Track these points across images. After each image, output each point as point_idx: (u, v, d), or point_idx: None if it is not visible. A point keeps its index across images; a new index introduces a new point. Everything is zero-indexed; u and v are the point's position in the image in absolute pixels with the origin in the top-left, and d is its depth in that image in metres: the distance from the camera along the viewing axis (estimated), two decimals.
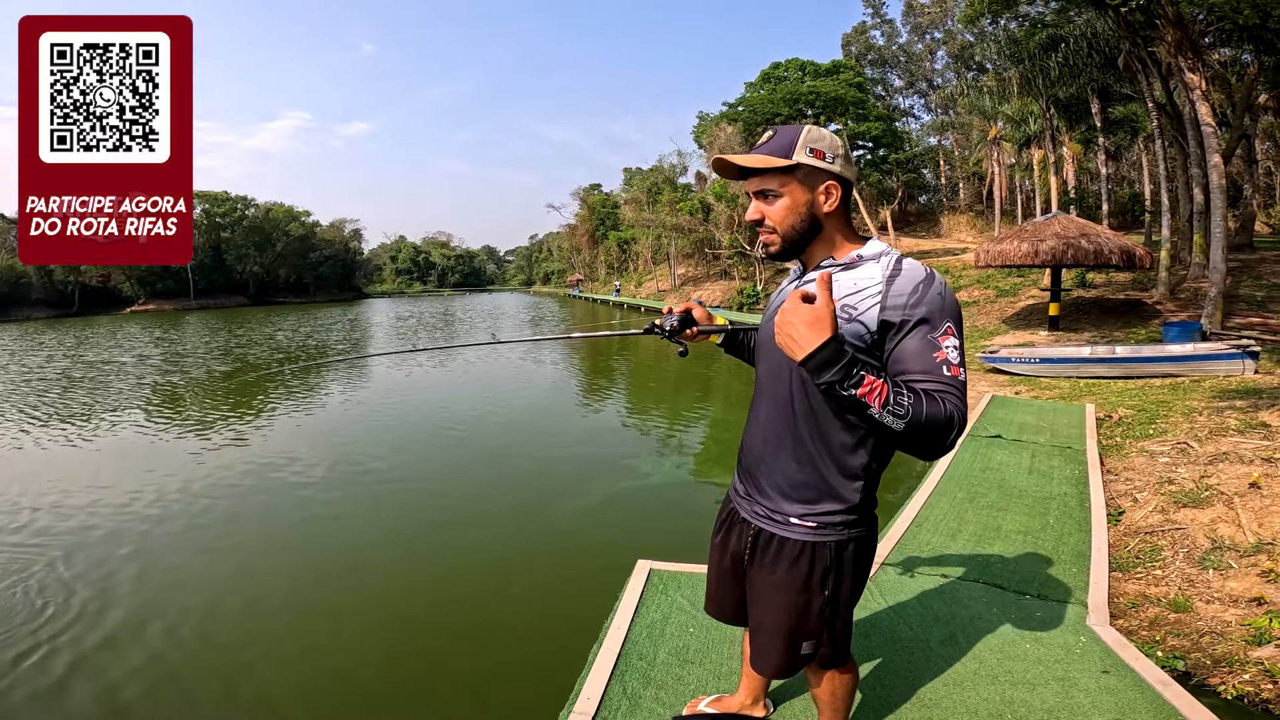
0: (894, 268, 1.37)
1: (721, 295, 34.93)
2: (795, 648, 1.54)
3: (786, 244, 1.46)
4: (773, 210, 1.44)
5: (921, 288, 1.33)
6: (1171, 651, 2.97)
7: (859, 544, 1.51)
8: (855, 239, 1.47)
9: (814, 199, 1.42)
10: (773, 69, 37.15)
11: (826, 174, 1.41)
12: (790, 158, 1.39)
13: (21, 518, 5.67)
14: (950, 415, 1.24)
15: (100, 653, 3.59)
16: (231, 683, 3.35)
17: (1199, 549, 3.79)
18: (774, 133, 1.43)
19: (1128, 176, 31.94)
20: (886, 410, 1.22)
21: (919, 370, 1.29)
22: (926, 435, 1.24)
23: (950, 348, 1.30)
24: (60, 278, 56.52)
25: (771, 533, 1.54)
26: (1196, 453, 5.17)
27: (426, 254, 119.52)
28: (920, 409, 1.23)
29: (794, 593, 1.51)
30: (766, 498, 1.55)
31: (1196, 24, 12.59)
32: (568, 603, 4.16)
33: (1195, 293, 13.45)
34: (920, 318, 1.31)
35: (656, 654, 2.52)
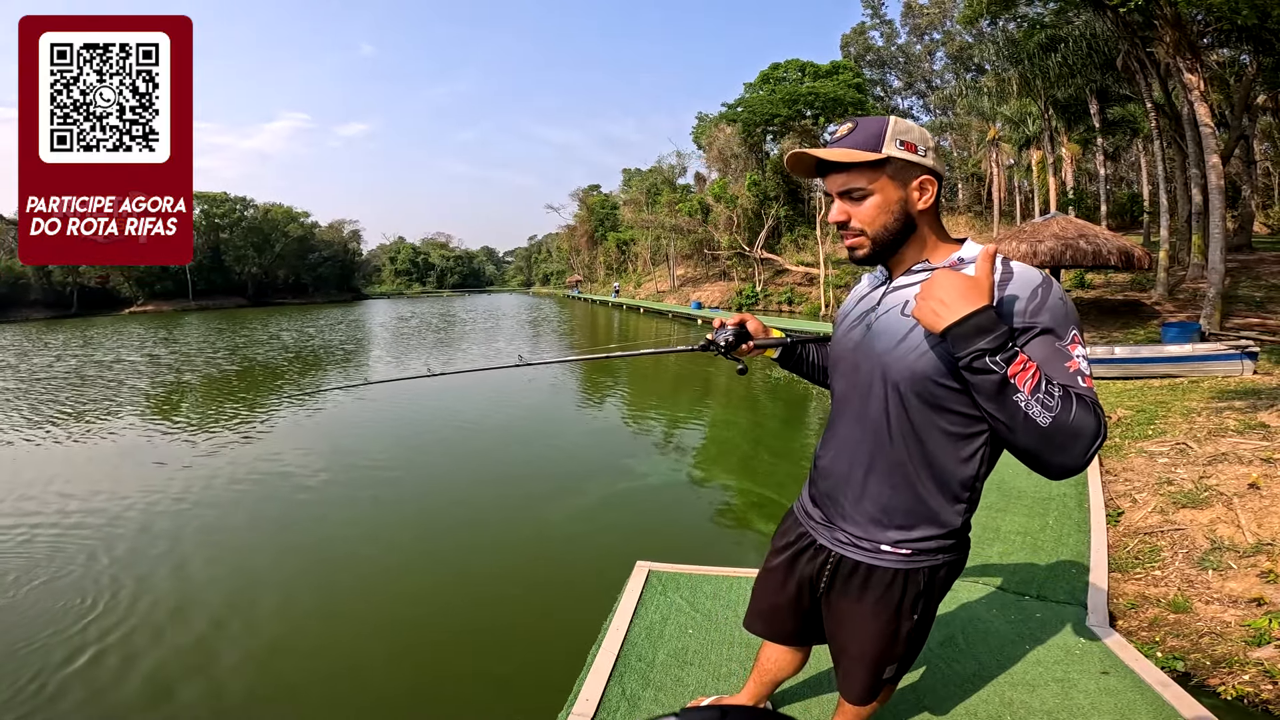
0: (1003, 271, 1.24)
1: (720, 296, 34.97)
2: (880, 672, 1.48)
3: (877, 246, 1.33)
4: (861, 210, 1.30)
5: (1041, 292, 1.20)
6: (1171, 652, 2.97)
7: (951, 568, 1.43)
8: (950, 239, 1.37)
9: (907, 196, 1.30)
10: (772, 70, 37.20)
11: (920, 168, 1.29)
12: (879, 151, 1.26)
13: (53, 508, 5.88)
14: (1097, 425, 1.11)
15: (138, 642, 3.62)
16: (224, 682, 3.35)
17: (1198, 550, 3.79)
18: (854, 125, 1.30)
19: (1126, 177, 31.99)
20: (1035, 398, 1.10)
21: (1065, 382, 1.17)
22: (1070, 440, 1.10)
23: (1081, 357, 1.18)
24: (59, 279, 56.47)
25: (857, 561, 1.43)
26: (1195, 453, 5.17)
27: (426, 255, 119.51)
28: (1071, 406, 1.10)
29: (884, 622, 1.43)
30: (852, 524, 1.44)
31: (1195, 24, 12.62)
32: (566, 604, 4.15)
33: (1194, 293, 13.48)
34: (1045, 325, 1.18)
35: (655, 655, 2.52)
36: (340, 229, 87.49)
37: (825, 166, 1.33)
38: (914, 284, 1.32)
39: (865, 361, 1.38)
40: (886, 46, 49.29)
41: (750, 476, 6.58)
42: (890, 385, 1.32)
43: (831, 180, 1.33)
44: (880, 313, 1.37)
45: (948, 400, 1.28)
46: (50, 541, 5.15)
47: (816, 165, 1.34)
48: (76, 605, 4.12)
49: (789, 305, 30.27)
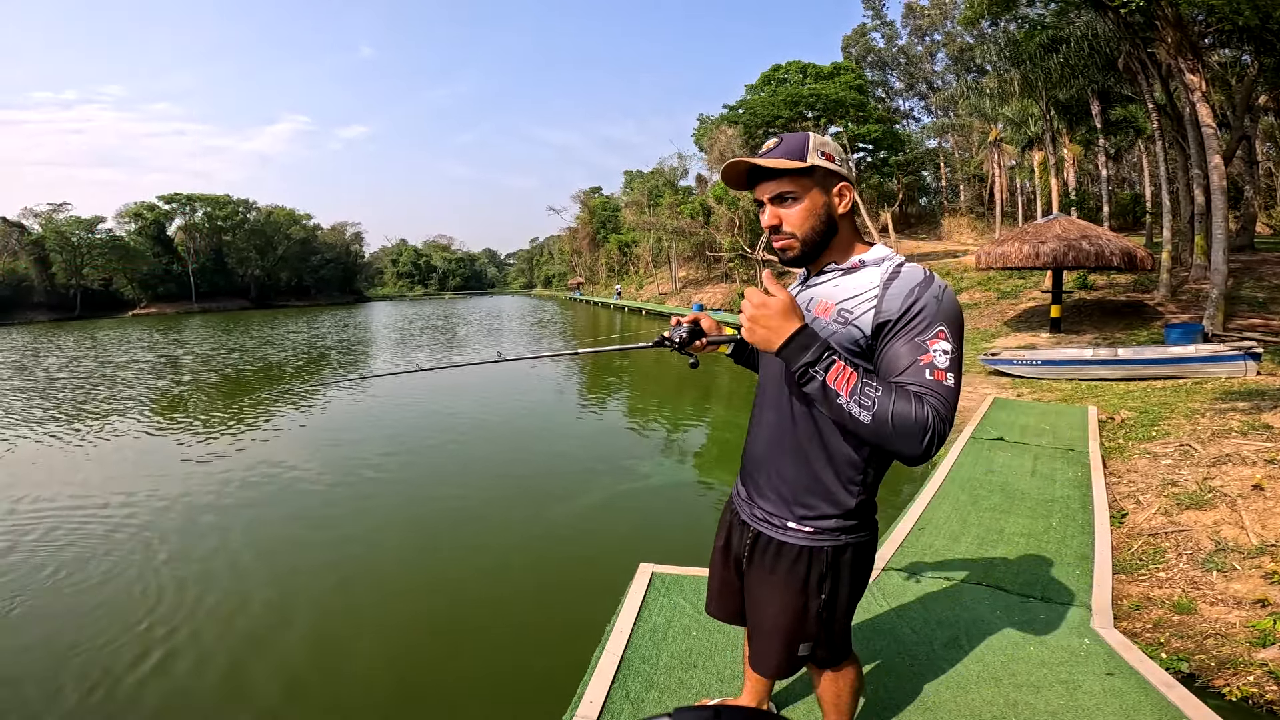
0: (893, 272, 1.36)
1: (723, 298, 34.94)
2: (792, 649, 1.55)
3: (806, 248, 1.44)
4: (791, 214, 1.42)
5: (918, 290, 1.31)
6: (1176, 653, 2.96)
7: (857, 549, 1.51)
8: (862, 244, 1.48)
9: (830, 201, 1.42)
10: (773, 71, 37.21)
11: (839, 176, 1.42)
12: (805, 160, 1.38)
13: (97, 504, 6.16)
14: (925, 417, 1.20)
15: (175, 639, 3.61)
16: (231, 681, 3.35)
17: (1202, 551, 3.79)
18: (780, 139, 1.43)
19: (1128, 178, 31.95)
20: (854, 400, 1.22)
21: (903, 371, 1.28)
22: (897, 433, 1.21)
23: (939, 351, 1.27)
24: (62, 280, 56.57)
25: (770, 536, 1.54)
26: (1199, 455, 5.16)
27: (427, 257, 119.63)
28: (889, 403, 1.21)
29: (791, 596, 1.52)
30: (767, 501, 1.56)
31: (1196, 25, 12.60)
32: (569, 606, 4.16)
33: (1197, 294, 13.44)
34: (909, 318, 1.30)
35: (659, 657, 2.52)
36: (342, 231, 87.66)
37: (757, 175, 1.45)
38: (822, 283, 1.47)
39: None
40: (888, 48, 49.34)
41: None
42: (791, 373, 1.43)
43: (763, 188, 1.44)
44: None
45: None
46: (104, 535, 5.38)
47: (748, 176, 1.47)
48: (140, 599, 4.28)
49: None
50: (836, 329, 1.37)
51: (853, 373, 1.24)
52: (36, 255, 55.27)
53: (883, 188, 36.94)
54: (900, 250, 27.01)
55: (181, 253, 64.05)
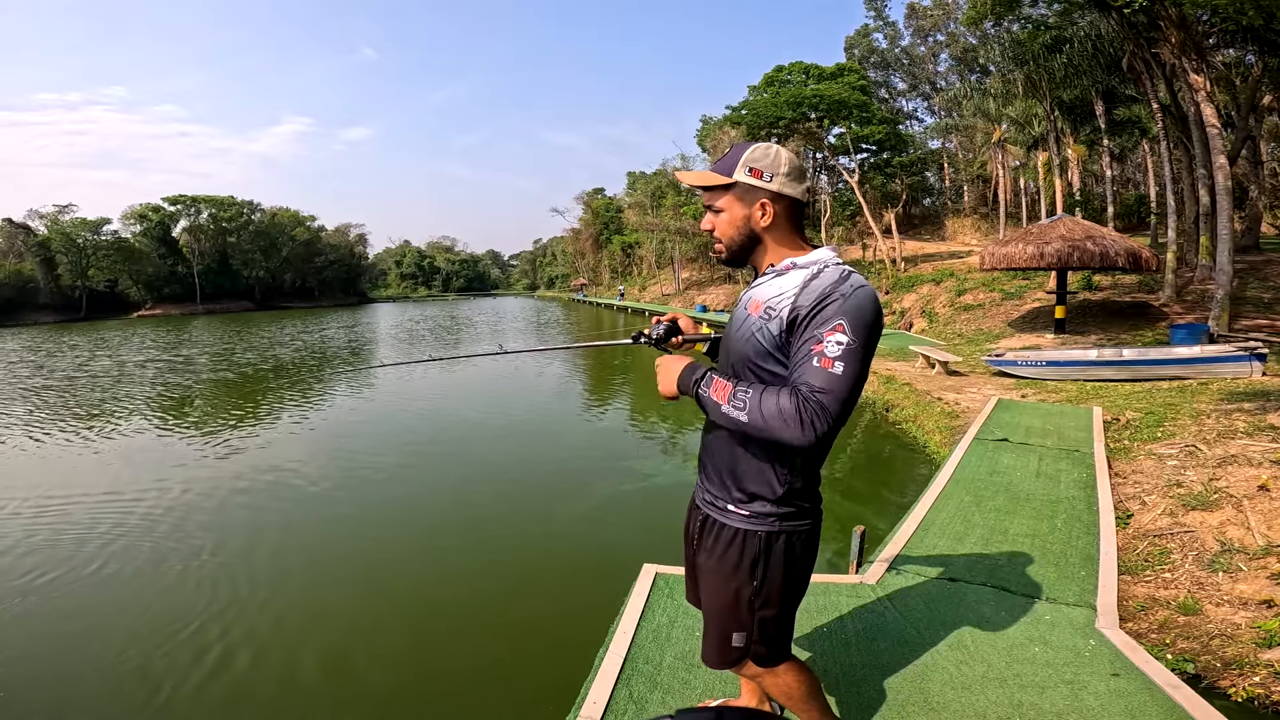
0: (815, 274, 1.43)
1: (725, 299, 34.91)
2: (726, 637, 1.60)
3: (729, 253, 1.58)
4: (718, 222, 1.56)
5: (829, 288, 1.38)
6: (1181, 654, 2.95)
7: (790, 538, 1.55)
8: (800, 249, 1.54)
9: (750, 215, 1.51)
10: (776, 72, 37.22)
11: (762, 191, 1.50)
12: (730, 175, 1.50)
13: (130, 496, 6.42)
14: (793, 406, 1.30)
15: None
16: (238, 674, 3.36)
17: (1208, 552, 3.77)
18: (730, 149, 1.54)
19: (1133, 178, 31.86)
20: (731, 405, 1.37)
21: (797, 360, 1.37)
22: (772, 424, 1.32)
23: (832, 342, 1.33)
24: (68, 282, 56.80)
25: (714, 519, 1.61)
26: (1205, 455, 5.14)
27: (431, 259, 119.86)
28: (759, 400, 1.34)
29: (724, 578, 1.57)
30: (712, 484, 1.63)
31: (1200, 25, 12.56)
32: (573, 606, 4.15)
33: (1202, 294, 13.39)
34: (815, 313, 1.37)
35: (663, 658, 2.51)
36: (346, 233, 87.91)
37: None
38: (759, 284, 1.55)
39: (725, 345, 1.63)
40: (890, 48, 49.22)
41: None
42: (731, 364, 1.57)
43: (703, 196, 1.59)
44: (737, 306, 1.62)
45: (765, 380, 1.48)
46: (146, 529, 5.57)
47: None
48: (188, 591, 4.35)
49: None
50: (762, 324, 1.46)
51: (728, 384, 1.40)
52: (42, 257, 55.54)
53: (886, 189, 36.90)
54: (904, 251, 26.99)
55: (186, 254, 64.30)
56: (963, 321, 16.92)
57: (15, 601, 4.28)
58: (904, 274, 24.14)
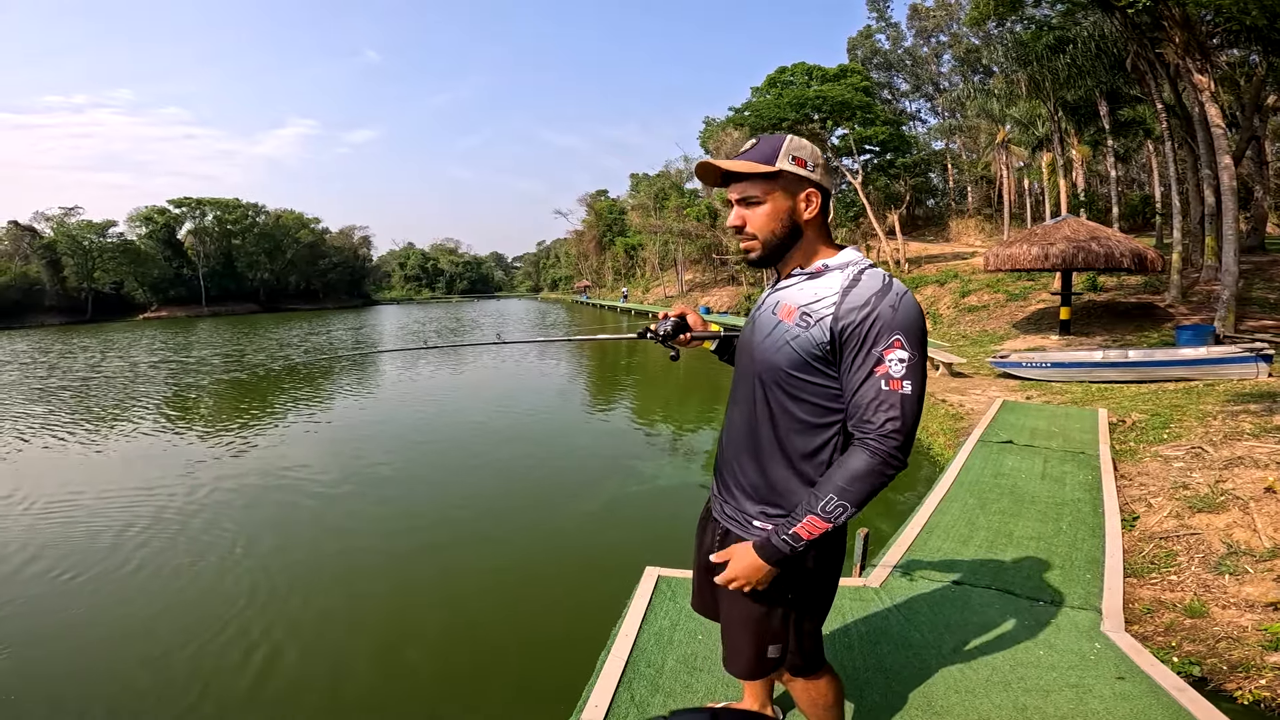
0: (854, 278, 1.37)
1: (729, 301, 34.90)
2: (761, 649, 1.55)
3: (766, 250, 1.48)
4: (754, 216, 1.45)
5: (874, 299, 1.33)
6: (1187, 657, 2.93)
7: (820, 550, 1.50)
8: (830, 248, 1.48)
9: (795, 206, 1.44)
10: (779, 74, 37.15)
11: (808, 182, 1.43)
12: (774, 164, 1.40)
13: (160, 495, 6.57)
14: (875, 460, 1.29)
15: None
16: (248, 672, 3.37)
17: (1214, 554, 3.75)
18: (757, 140, 1.45)
19: (1137, 179, 31.76)
20: (830, 521, 1.33)
21: (859, 383, 1.32)
22: (875, 485, 1.31)
23: (895, 360, 1.30)
24: (74, 284, 57.03)
25: (738, 535, 1.55)
26: (1211, 457, 5.11)
27: (435, 261, 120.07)
28: (843, 482, 1.31)
29: (755, 593, 1.51)
30: (733, 498, 1.57)
31: (1204, 25, 12.51)
32: (575, 609, 4.15)
33: (1208, 295, 13.34)
34: (867, 329, 1.31)
35: (665, 661, 2.51)
36: (350, 235, 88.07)
37: (729, 176, 1.47)
38: (788, 287, 1.49)
39: (745, 353, 1.55)
40: (893, 49, 49.14)
41: None
42: (756, 374, 1.49)
43: (733, 188, 1.47)
44: (761, 311, 1.54)
45: (800, 390, 1.41)
46: (180, 527, 5.69)
47: (721, 175, 1.48)
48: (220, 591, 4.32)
49: None
50: (799, 332, 1.39)
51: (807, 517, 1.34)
52: (48, 259, 55.78)
53: (889, 190, 36.83)
54: (908, 252, 26.93)
55: (191, 256, 64.54)
56: (967, 323, 16.88)
57: (60, 601, 4.34)
58: (908, 275, 24.08)
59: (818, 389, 1.40)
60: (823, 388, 1.40)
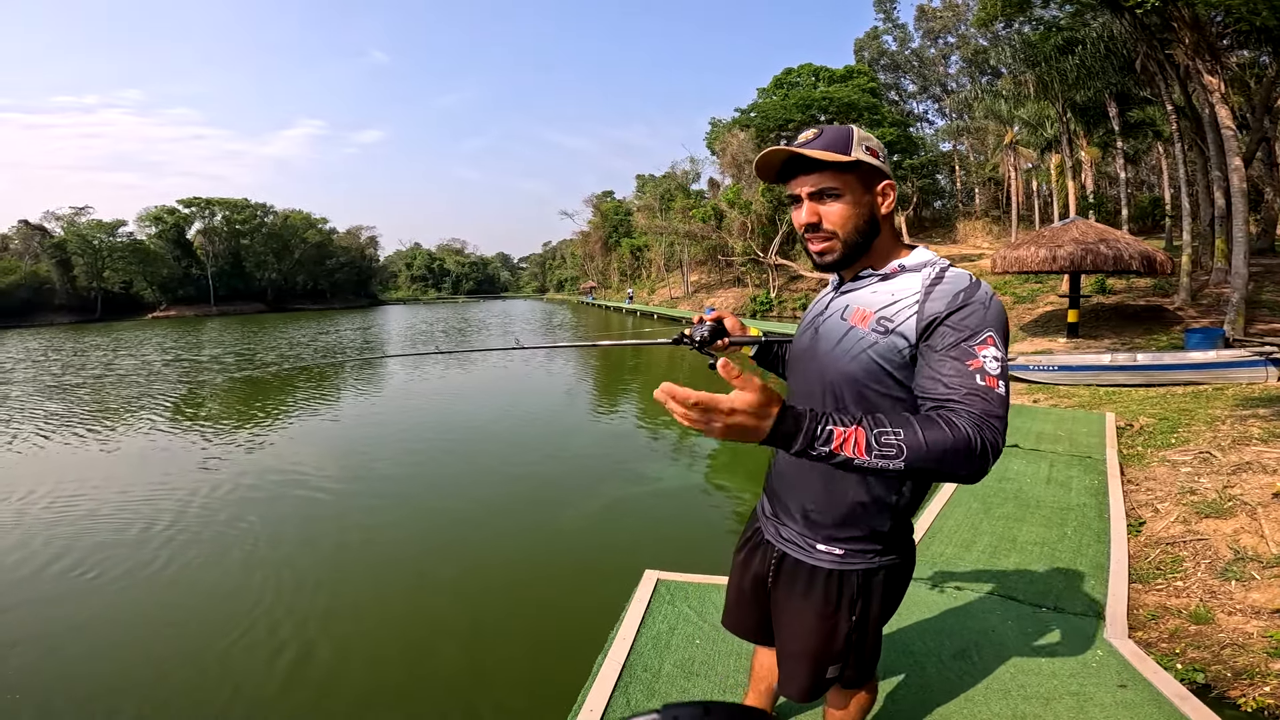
0: (936, 276, 1.28)
1: (735, 302, 34.85)
2: (821, 672, 1.49)
3: (848, 249, 1.33)
4: (831, 212, 1.31)
5: (962, 296, 1.23)
6: (1191, 664, 2.90)
7: (890, 572, 1.44)
8: (902, 247, 1.38)
9: (874, 199, 1.33)
10: (785, 75, 37.17)
11: (883, 174, 1.32)
12: (849, 154, 1.27)
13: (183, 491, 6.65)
14: (965, 435, 1.07)
15: None
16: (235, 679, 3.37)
17: (1221, 560, 3.71)
18: (820, 130, 1.31)
19: (1147, 180, 31.56)
20: (874, 455, 1.04)
21: (949, 378, 1.17)
22: (942, 463, 1.06)
23: (988, 357, 1.18)
24: (83, 283, 57.49)
25: (797, 559, 1.46)
26: (1219, 462, 5.07)
27: (441, 261, 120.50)
28: (917, 437, 1.05)
29: (820, 619, 1.44)
30: (793, 521, 1.48)
31: (1213, 26, 12.42)
32: (574, 611, 4.13)
33: (1217, 298, 13.23)
34: (955, 322, 1.21)
35: (662, 666, 2.49)
36: (357, 235, 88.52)
37: (795, 169, 1.33)
38: (858, 289, 1.37)
39: (811, 364, 1.41)
40: (900, 50, 49.00)
41: (760, 483, 6.51)
42: (827, 386, 1.35)
43: (801, 182, 1.32)
44: (826, 317, 1.41)
45: (878, 405, 1.29)
46: (202, 524, 5.72)
47: (781, 168, 1.35)
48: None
49: (804, 311, 30.09)
50: (876, 339, 1.28)
51: (857, 429, 1.04)
52: (58, 258, 56.26)
53: (896, 191, 36.68)
54: None
55: (200, 256, 64.98)
56: None
57: (89, 598, 4.37)
58: None
59: (899, 401, 1.29)
60: (905, 400, 1.28)
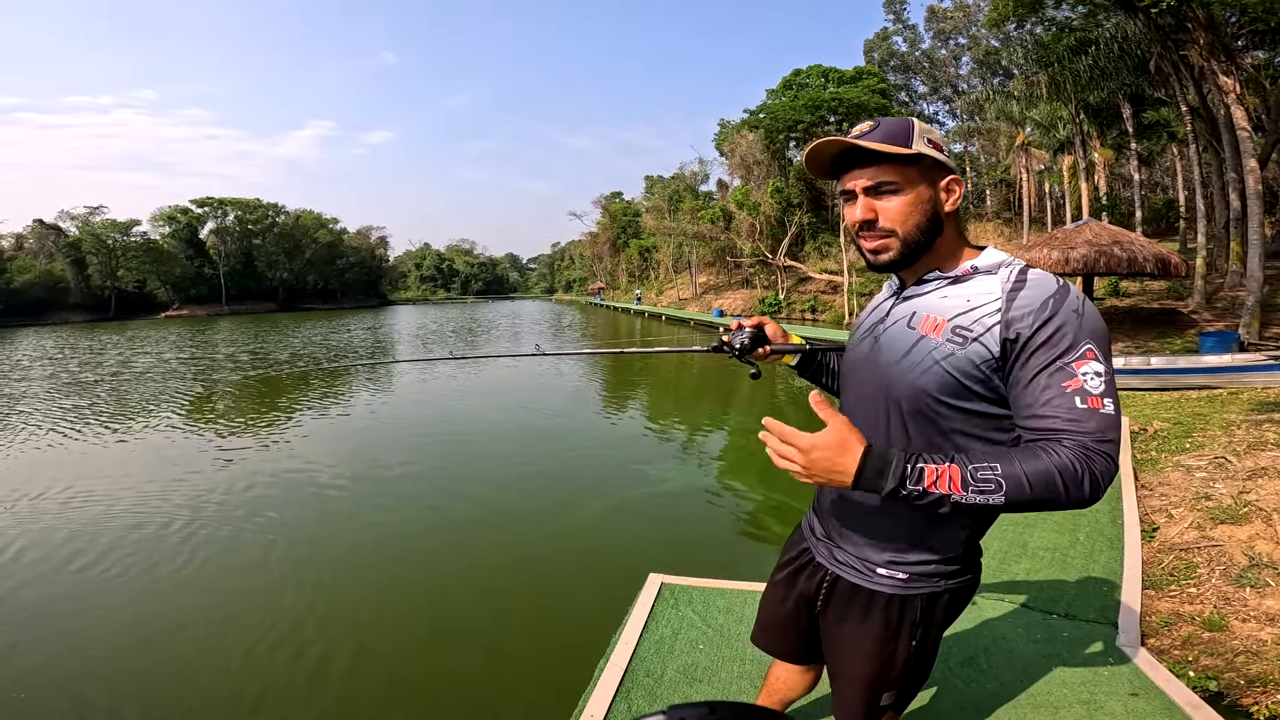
0: (1017, 280, 1.16)
1: (743, 304, 34.78)
2: (876, 699, 1.40)
3: (907, 249, 1.23)
4: (890, 208, 1.21)
5: (1053, 302, 1.11)
6: (1204, 671, 2.85)
7: (955, 595, 1.33)
8: (971, 247, 1.28)
9: (937, 195, 1.23)
10: (794, 76, 37.08)
11: (947, 168, 1.23)
12: (910, 147, 1.18)
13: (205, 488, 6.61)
14: (1068, 465, 1.02)
15: None
16: (237, 675, 3.37)
17: (1236, 566, 3.65)
18: (877, 122, 1.22)
19: (1161, 182, 31.26)
20: (971, 493, 1.03)
21: (1047, 404, 1.08)
22: (1046, 495, 1.03)
23: (1090, 374, 1.07)
24: (97, 282, 58.09)
25: (853, 582, 1.36)
26: (1234, 467, 4.99)
27: (450, 261, 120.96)
28: (1015, 470, 1.03)
29: (877, 646, 1.35)
30: (851, 545, 1.37)
31: (1229, 27, 12.29)
32: (577, 614, 4.10)
33: (1232, 301, 13.08)
34: (1049, 336, 1.09)
35: (664, 671, 2.47)
36: (368, 235, 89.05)
37: (849, 162, 1.24)
38: (924, 294, 1.26)
39: (870, 375, 1.31)
40: (910, 51, 48.77)
41: (768, 486, 6.48)
42: (892, 401, 1.25)
43: (855, 176, 1.23)
44: (888, 324, 1.30)
45: (951, 420, 1.19)
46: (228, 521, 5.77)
47: (834, 162, 1.27)
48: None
49: (812, 313, 30.04)
50: (953, 350, 1.16)
51: (950, 467, 1.05)
52: (73, 257, 56.88)
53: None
54: None
55: (213, 256, 65.53)
56: None
57: (113, 597, 4.39)
58: None
59: (977, 418, 1.19)
60: (984, 416, 1.18)
